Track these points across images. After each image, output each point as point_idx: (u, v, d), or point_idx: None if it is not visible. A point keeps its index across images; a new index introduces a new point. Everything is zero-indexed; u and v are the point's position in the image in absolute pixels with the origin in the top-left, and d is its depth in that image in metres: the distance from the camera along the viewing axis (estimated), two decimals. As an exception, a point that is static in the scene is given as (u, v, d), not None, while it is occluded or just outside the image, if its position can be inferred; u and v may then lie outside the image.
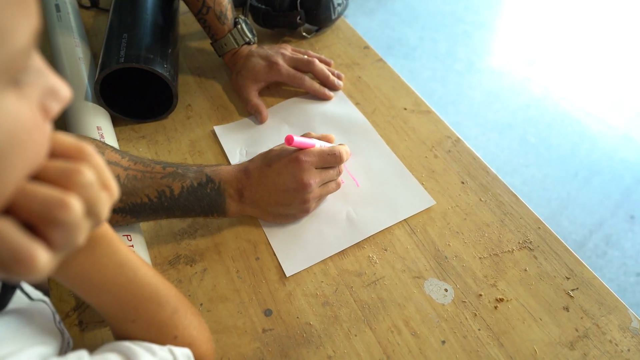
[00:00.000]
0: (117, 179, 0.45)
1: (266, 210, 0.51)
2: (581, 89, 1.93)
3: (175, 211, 0.48)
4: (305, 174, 0.49)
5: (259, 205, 0.51)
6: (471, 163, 0.59)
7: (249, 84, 0.66)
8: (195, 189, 0.48)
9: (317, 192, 0.51)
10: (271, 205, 0.51)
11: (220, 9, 0.66)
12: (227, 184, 0.50)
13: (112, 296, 0.32)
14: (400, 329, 0.45)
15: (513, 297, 0.47)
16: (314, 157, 0.50)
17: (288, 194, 0.50)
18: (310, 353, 0.44)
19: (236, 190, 0.50)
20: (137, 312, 0.34)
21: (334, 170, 0.52)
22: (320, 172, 0.51)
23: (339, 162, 0.52)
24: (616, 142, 1.71)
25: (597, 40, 2.16)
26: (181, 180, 0.48)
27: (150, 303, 0.34)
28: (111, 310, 0.33)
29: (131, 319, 0.34)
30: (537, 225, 0.52)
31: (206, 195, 0.49)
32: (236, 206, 0.51)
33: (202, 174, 0.49)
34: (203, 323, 0.39)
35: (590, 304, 0.46)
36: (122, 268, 0.32)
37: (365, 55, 0.75)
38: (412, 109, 0.66)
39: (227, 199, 0.50)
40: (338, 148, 0.52)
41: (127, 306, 0.33)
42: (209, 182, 0.49)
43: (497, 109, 1.86)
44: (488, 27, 2.28)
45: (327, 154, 0.51)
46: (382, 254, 0.51)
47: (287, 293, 0.48)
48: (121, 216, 0.46)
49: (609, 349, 0.43)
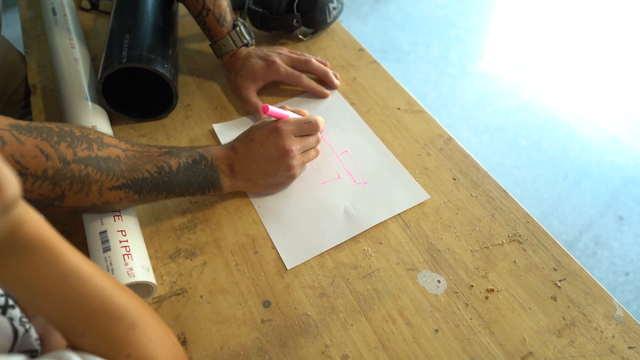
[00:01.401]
0: (117, 158, 0.47)
1: (256, 183, 0.55)
2: (570, 92, 1.97)
3: (174, 187, 0.50)
4: (286, 141, 0.53)
5: (249, 179, 0.54)
6: (462, 160, 0.61)
7: (248, 84, 0.68)
8: (190, 165, 0.51)
9: (299, 159, 0.55)
10: (260, 177, 0.54)
11: (220, 12, 0.68)
12: (219, 160, 0.53)
13: (54, 307, 0.31)
14: (394, 319, 0.47)
15: (503, 287, 0.49)
16: (292, 125, 0.54)
17: (273, 162, 0.53)
18: (308, 342, 0.46)
19: (228, 166, 0.53)
20: (84, 325, 0.31)
21: (312, 137, 0.57)
22: (300, 139, 0.55)
23: (316, 129, 0.56)
24: (605, 144, 1.75)
25: (586, 45, 2.21)
26: (177, 157, 0.51)
27: (102, 317, 0.32)
28: (57, 322, 0.31)
29: (79, 332, 0.31)
30: (526, 220, 0.54)
31: (201, 171, 0.52)
32: (229, 181, 0.54)
33: (195, 152, 0.52)
34: (169, 341, 0.36)
35: (577, 294, 0.48)
36: (67, 278, 0.30)
37: (359, 57, 0.77)
38: (405, 109, 0.68)
39: (220, 174, 0.53)
40: (314, 117, 0.56)
41: (73, 319, 0.31)
42: (202, 159, 0.52)
43: (489, 111, 1.89)
44: (480, 32, 2.32)
45: (304, 122, 0.55)
46: (377, 247, 0.53)
47: (285, 285, 0.50)
48: (124, 192, 0.47)
49: (595, 336, 0.45)
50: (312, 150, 0.58)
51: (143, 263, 0.48)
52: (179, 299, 0.49)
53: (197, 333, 0.46)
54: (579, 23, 2.34)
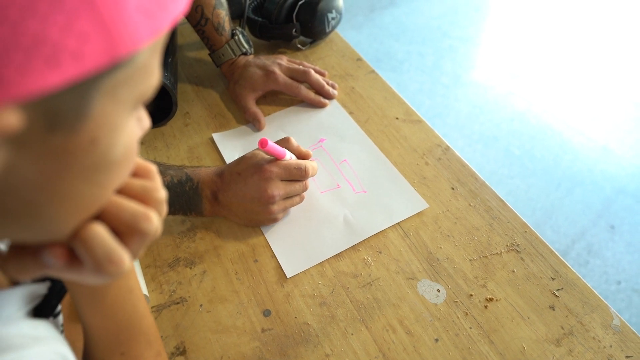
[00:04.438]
0: None
1: (237, 215, 0.54)
2: (562, 102, 1.99)
3: None
4: (269, 186, 0.51)
5: (230, 210, 0.54)
6: (460, 170, 0.61)
7: (247, 92, 0.68)
8: (175, 185, 0.51)
9: (281, 204, 0.53)
10: (240, 211, 0.53)
11: (218, 21, 0.68)
12: (204, 185, 0.53)
13: (114, 322, 0.33)
14: (395, 328, 0.47)
15: (502, 297, 0.49)
16: (280, 169, 0.51)
17: (253, 203, 0.52)
18: (309, 352, 0.46)
19: (212, 192, 0.53)
20: (129, 344, 0.34)
21: (299, 185, 0.54)
22: (286, 184, 0.52)
23: (304, 176, 0.53)
24: (596, 154, 1.77)
25: (578, 55, 2.24)
26: (162, 175, 0.50)
27: (143, 338, 0.34)
28: (107, 338, 0.33)
29: (121, 351, 0.34)
30: (524, 229, 0.55)
31: (185, 192, 0.52)
32: (211, 207, 0.54)
33: (182, 173, 0.52)
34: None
35: (575, 303, 0.49)
36: (131, 294, 0.33)
37: (358, 67, 0.78)
38: (403, 119, 0.69)
39: (203, 199, 0.53)
40: (304, 163, 0.53)
41: (123, 336, 0.33)
42: (188, 180, 0.52)
43: (482, 121, 1.91)
44: (473, 42, 2.35)
45: (294, 168, 0.52)
46: (377, 256, 0.53)
47: (285, 294, 0.50)
48: None
49: (593, 345, 0.45)
50: (296, 197, 0.55)
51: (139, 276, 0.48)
52: (178, 308, 0.49)
53: (196, 342, 0.46)
54: (571, 34, 2.38)
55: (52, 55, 0.15)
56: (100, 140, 0.19)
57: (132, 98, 0.20)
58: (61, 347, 0.28)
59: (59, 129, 0.17)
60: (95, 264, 0.23)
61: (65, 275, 0.24)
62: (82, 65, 0.16)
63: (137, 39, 0.17)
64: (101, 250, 0.22)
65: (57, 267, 0.23)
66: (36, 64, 0.15)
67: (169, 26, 0.19)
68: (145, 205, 0.25)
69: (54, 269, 0.23)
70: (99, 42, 0.16)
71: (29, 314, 0.28)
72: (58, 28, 0.15)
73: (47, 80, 0.15)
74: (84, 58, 0.16)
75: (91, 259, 0.23)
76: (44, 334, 0.27)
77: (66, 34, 0.15)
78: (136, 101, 0.21)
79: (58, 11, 0.15)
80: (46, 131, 0.17)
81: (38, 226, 0.21)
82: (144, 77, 0.20)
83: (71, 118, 0.17)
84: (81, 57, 0.16)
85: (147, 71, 0.20)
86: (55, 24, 0.15)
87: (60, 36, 0.15)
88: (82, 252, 0.23)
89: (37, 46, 0.15)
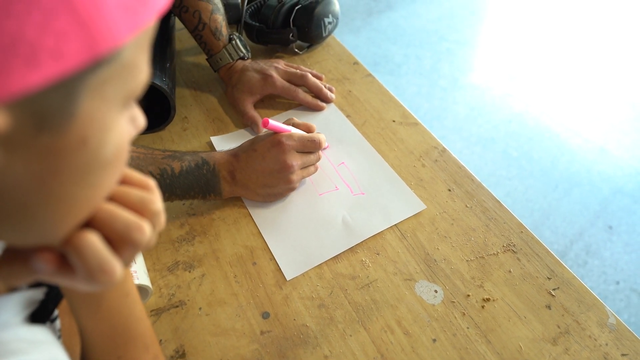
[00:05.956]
0: None
1: (255, 192, 0.56)
2: (559, 103, 2.00)
3: (176, 189, 0.52)
4: (287, 156, 0.54)
5: (248, 187, 0.56)
6: (457, 172, 0.62)
7: (244, 96, 0.69)
8: (193, 169, 0.52)
9: (299, 174, 0.56)
10: (259, 187, 0.55)
11: (216, 26, 0.69)
12: (220, 166, 0.54)
13: (110, 326, 0.32)
14: (393, 329, 0.47)
15: (499, 296, 0.50)
16: (295, 141, 0.55)
17: (273, 175, 0.55)
18: (307, 353, 0.46)
19: (229, 173, 0.55)
20: (125, 348, 0.34)
21: (314, 155, 0.58)
22: (302, 155, 0.56)
23: (318, 148, 0.57)
24: (593, 155, 1.78)
25: (574, 57, 2.26)
26: (180, 161, 0.52)
27: (140, 341, 0.34)
28: (103, 342, 0.33)
29: (117, 355, 0.33)
30: (520, 230, 0.55)
31: (203, 175, 0.53)
32: (229, 187, 0.55)
33: (198, 157, 0.54)
34: None
35: (571, 302, 0.49)
36: (127, 298, 0.33)
37: (355, 71, 0.79)
38: (400, 121, 0.69)
39: (221, 180, 0.54)
40: (317, 135, 0.57)
41: (120, 339, 0.33)
42: (204, 164, 0.54)
43: (480, 123, 1.92)
44: (470, 45, 2.36)
45: (307, 140, 0.56)
46: (375, 257, 0.53)
47: (283, 296, 0.50)
48: None
49: (589, 344, 0.46)
50: (311, 167, 0.59)
51: (144, 268, 0.49)
52: (177, 311, 0.49)
53: (196, 345, 0.46)
54: (568, 35, 2.40)
55: (31, 55, 0.15)
56: (90, 139, 0.19)
57: (120, 96, 0.20)
58: (58, 352, 0.28)
59: (47, 129, 0.17)
60: (87, 273, 0.23)
61: (57, 281, 0.24)
62: (63, 64, 0.16)
63: (118, 35, 0.17)
64: (94, 259, 0.22)
65: (46, 273, 0.23)
66: (15, 65, 0.15)
67: (151, 21, 0.19)
68: (140, 216, 0.25)
69: (44, 274, 0.23)
70: (78, 40, 0.16)
71: (26, 320, 0.28)
72: (35, 27, 0.15)
73: (28, 80, 0.15)
74: (64, 57, 0.16)
75: (83, 267, 0.22)
76: (42, 339, 0.28)
77: (44, 33, 0.15)
78: (125, 99, 0.21)
79: (34, 10, 0.15)
80: (34, 132, 0.17)
81: (30, 228, 0.21)
82: (131, 73, 0.20)
83: (58, 117, 0.17)
84: (60, 55, 0.16)
85: (134, 68, 0.20)
86: (31, 24, 0.15)
87: (38, 35, 0.15)
88: (74, 260, 0.23)
89: (15, 46, 0.15)
